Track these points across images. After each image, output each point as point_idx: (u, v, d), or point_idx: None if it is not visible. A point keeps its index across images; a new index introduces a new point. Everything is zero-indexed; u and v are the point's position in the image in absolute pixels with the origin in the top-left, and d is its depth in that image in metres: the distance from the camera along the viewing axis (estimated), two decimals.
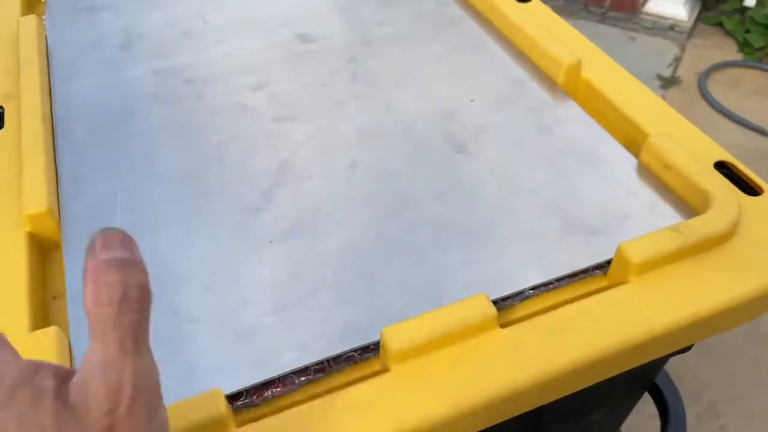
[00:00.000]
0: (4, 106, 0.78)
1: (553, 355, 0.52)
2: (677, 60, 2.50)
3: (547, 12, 0.88)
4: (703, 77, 2.37)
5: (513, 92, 0.78)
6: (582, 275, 0.59)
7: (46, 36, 0.90)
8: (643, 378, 0.76)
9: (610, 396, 0.72)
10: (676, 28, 2.61)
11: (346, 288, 0.58)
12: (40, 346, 0.52)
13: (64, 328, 0.56)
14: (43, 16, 0.95)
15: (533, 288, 0.58)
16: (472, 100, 0.77)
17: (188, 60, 0.85)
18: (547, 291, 0.58)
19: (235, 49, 0.87)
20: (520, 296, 0.58)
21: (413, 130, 0.73)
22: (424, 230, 0.62)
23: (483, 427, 0.52)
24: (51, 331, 0.53)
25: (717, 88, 2.36)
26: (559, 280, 0.58)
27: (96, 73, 0.84)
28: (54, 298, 0.62)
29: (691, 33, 2.62)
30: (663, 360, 0.70)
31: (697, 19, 2.68)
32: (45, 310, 0.60)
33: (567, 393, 0.53)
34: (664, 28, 2.62)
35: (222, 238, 0.63)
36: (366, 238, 0.62)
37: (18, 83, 0.79)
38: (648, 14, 2.67)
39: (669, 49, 2.55)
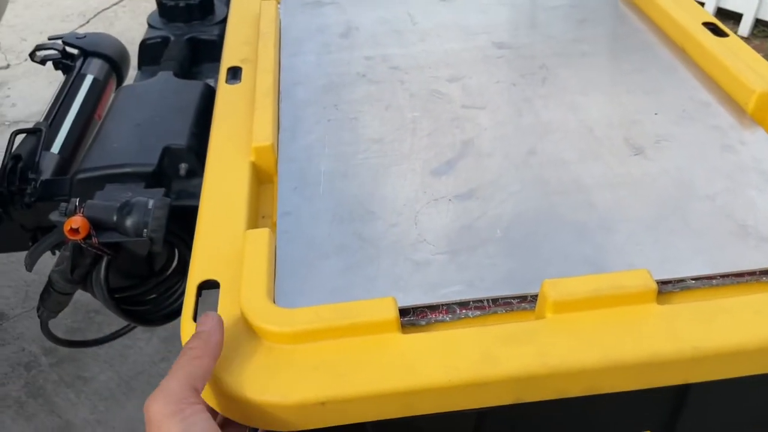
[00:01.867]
0: (242, 66, 0.93)
1: (705, 334, 0.53)
2: None
3: (744, 47, 0.89)
4: None
5: (698, 111, 0.80)
6: (748, 277, 0.60)
7: (279, 20, 1.06)
8: None
9: None
10: None
11: (513, 246, 0.63)
12: (254, 240, 0.62)
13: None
14: (278, 4, 1.11)
15: (695, 279, 0.60)
16: (656, 113, 0.80)
17: (395, 52, 0.97)
18: (710, 285, 0.60)
19: (437, 48, 0.97)
20: (681, 284, 0.60)
21: (594, 130, 0.78)
22: (592, 212, 0.67)
23: (625, 388, 0.54)
24: (264, 231, 0.64)
25: None
26: (723, 276, 0.60)
27: (317, 53, 0.98)
28: (263, 217, 0.73)
29: None
30: None
31: None
32: (255, 222, 0.71)
33: (713, 377, 0.55)
34: None
35: (408, 190, 0.71)
36: (535, 210, 0.67)
37: (254, 51, 0.95)
38: None
39: None
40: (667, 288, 0.59)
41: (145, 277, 1.09)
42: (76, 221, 0.92)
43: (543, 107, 0.83)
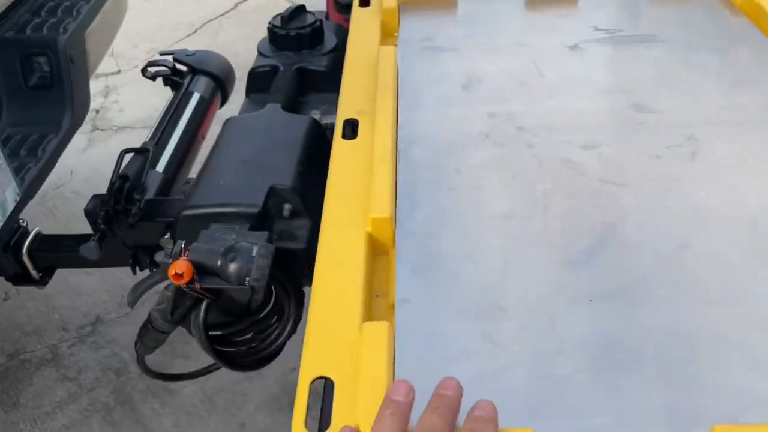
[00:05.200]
0: (359, 119, 0.88)
1: None
2: None
3: None
4: None
5: None
6: None
7: (398, 67, 1.01)
8: None
9: None
10: None
11: (668, 370, 0.55)
12: (372, 336, 0.57)
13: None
14: (395, 48, 1.06)
15: None
16: None
17: (522, 109, 0.89)
18: None
19: (568, 107, 0.89)
20: None
21: (758, 222, 0.68)
22: (765, 333, 0.57)
23: None
24: (382, 325, 0.58)
25: None
26: None
27: (437, 106, 0.92)
28: (377, 296, 0.68)
29: None
30: None
31: None
32: (370, 302, 0.66)
33: None
34: None
35: (541, 283, 0.64)
36: (693, 324, 0.58)
37: (372, 103, 0.90)
38: None
39: None
40: None
41: (241, 316, 1.06)
42: (181, 266, 0.90)
43: (694, 189, 0.73)
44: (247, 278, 0.91)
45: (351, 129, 0.87)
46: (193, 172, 1.61)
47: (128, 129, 2.89)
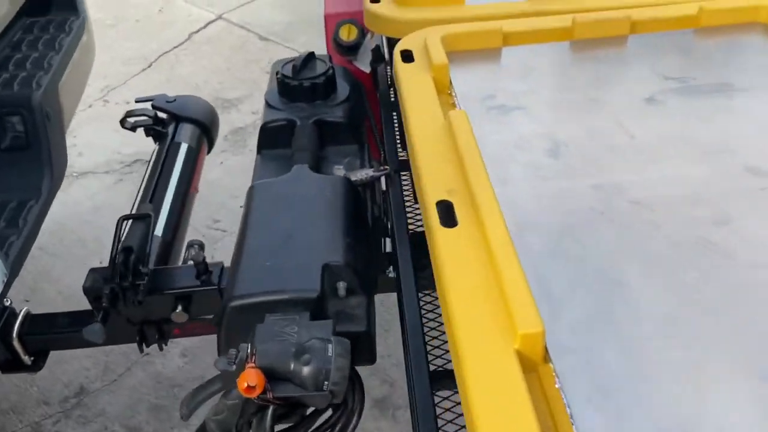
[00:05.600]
0: (452, 201, 0.77)
1: None
2: None
3: None
4: None
5: None
6: None
7: None
8: None
9: None
10: None
11: None
12: None
13: None
14: (466, 113, 0.95)
15: None
16: None
17: (627, 178, 0.81)
18: None
19: (677, 174, 0.81)
20: None
21: None
22: None
23: None
24: None
25: None
26: None
27: (529, 179, 0.82)
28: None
29: None
30: None
31: None
32: None
33: None
34: None
35: (745, 407, 0.55)
36: None
37: (460, 179, 0.79)
38: None
39: None
40: None
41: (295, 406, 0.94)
42: (252, 378, 0.80)
43: None
44: (326, 382, 0.81)
45: (446, 213, 0.76)
46: (191, 234, 1.47)
47: (90, 174, 2.69)
